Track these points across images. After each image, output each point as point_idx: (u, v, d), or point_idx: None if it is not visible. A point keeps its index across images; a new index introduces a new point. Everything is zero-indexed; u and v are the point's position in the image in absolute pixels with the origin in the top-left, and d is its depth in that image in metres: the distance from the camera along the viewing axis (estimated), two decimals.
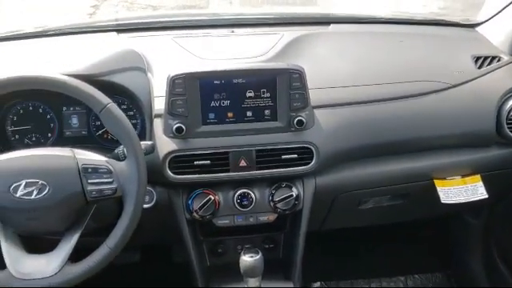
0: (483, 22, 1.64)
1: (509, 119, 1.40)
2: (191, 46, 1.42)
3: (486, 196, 1.41)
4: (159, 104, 1.25)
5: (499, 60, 1.49)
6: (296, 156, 1.26)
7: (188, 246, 1.33)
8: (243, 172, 1.26)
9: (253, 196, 1.29)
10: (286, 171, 1.27)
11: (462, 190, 1.40)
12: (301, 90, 1.24)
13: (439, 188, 1.40)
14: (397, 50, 1.50)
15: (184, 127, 1.21)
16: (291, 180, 1.31)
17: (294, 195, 1.29)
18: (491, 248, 1.75)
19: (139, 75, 1.31)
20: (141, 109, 1.31)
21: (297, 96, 1.24)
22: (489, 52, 1.50)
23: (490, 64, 1.47)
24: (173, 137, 1.22)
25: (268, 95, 1.24)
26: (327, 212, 1.42)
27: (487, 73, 1.45)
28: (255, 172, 1.26)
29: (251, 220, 1.32)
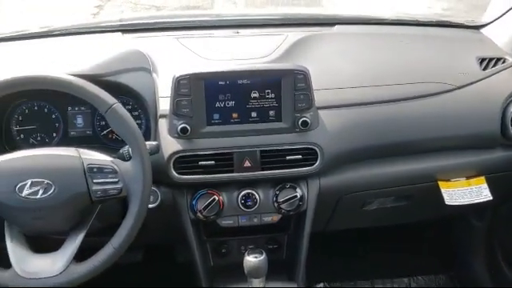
0: (488, 24, 1.63)
1: None
2: (196, 47, 1.42)
3: (491, 198, 1.40)
4: (164, 104, 1.26)
5: (504, 61, 1.49)
6: (300, 157, 1.26)
7: (192, 246, 1.33)
8: (247, 172, 1.26)
9: (257, 197, 1.29)
10: (291, 172, 1.27)
11: (467, 192, 1.40)
12: (305, 91, 1.24)
13: (443, 189, 1.39)
14: (401, 52, 1.50)
15: (189, 127, 1.21)
16: (295, 181, 1.31)
17: (299, 196, 1.29)
18: (495, 250, 1.75)
19: (144, 75, 1.32)
20: (145, 109, 1.31)
21: (301, 97, 1.24)
22: (494, 53, 1.50)
23: (495, 66, 1.47)
24: (177, 137, 1.23)
25: (273, 96, 1.25)
26: (331, 213, 1.42)
27: (492, 74, 1.45)
28: (259, 173, 1.26)
29: (255, 220, 1.32)
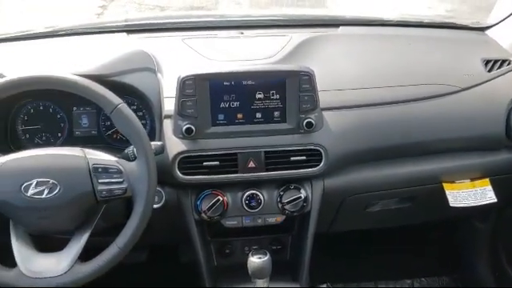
0: (493, 25, 1.63)
1: None
2: (200, 47, 1.42)
3: (495, 200, 1.40)
4: (169, 105, 1.26)
5: (509, 63, 1.48)
6: (305, 158, 1.26)
7: (196, 246, 1.33)
8: (252, 173, 1.26)
9: (261, 197, 1.30)
10: (295, 173, 1.27)
11: (471, 194, 1.40)
12: (310, 92, 1.24)
13: (448, 191, 1.39)
14: (406, 53, 1.50)
15: (193, 128, 1.21)
16: (299, 182, 1.31)
17: (303, 197, 1.29)
18: (499, 252, 1.74)
19: (149, 76, 1.32)
20: (150, 109, 1.31)
21: (306, 98, 1.24)
22: (499, 55, 1.50)
23: (500, 67, 1.47)
24: (182, 137, 1.23)
25: (277, 97, 1.25)
26: (335, 214, 1.42)
27: (497, 76, 1.45)
28: (264, 173, 1.26)
29: (259, 221, 1.33)
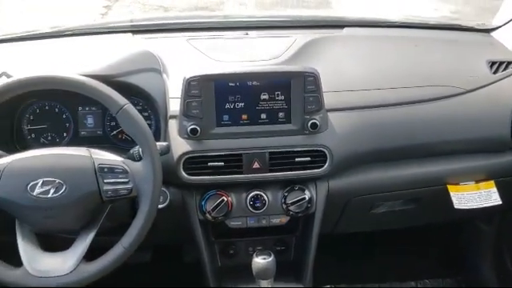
0: (498, 27, 1.63)
1: None
2: (206, 48, 1.42)
3: (500, 202, 1.40)
4: (174, 105, 1.26)
5: None
6: (309, 159, 1.26)
7: (200, 247, 1.33)
8: (256, 174, 1.26)
9: (265, 198, 1.30)
10: (299, 174, 1.27)
11: (476, 196, 1.40)
12: (315, 93, 1.24)
13: (452, 193, 1.39)
14: (411, 55, 1.50)
15: (199, 129, 1.22)
16: (304, 183, 1.31)
17: (307, 198, 1.29)
18: (503, 254, 1.74)
19: (155, 76, 1.32)
20: (156, 110, 1.32)
21: (311, 99, 1.24)
22: (504, 57, 1.49)
23: (506, 69, 1.46)
24: (187, 138, 1.23)
25: (282, 98, 1.25)
26: (339, 215, 1.42)
27: (502, 78, 1.44)
28: (268, 174, 1.26)
29: (263, 222, 1.33)
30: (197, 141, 1.24)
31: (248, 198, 1.29)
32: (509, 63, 1.48)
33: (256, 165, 1.26)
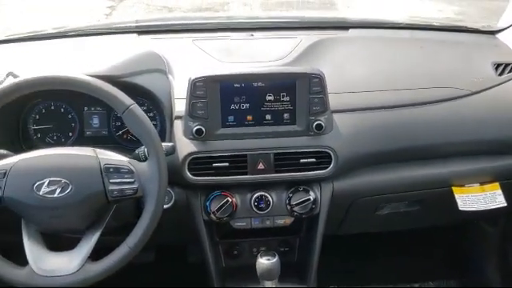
0: (504, 29, 1.62)
1: None
2: (211, 49, 1.43)
3: (505, 204, 1.40)
4: (179, 106, 1.26)
5: None
6: (314, 160, 1.27)
7: (205, 247, 1.34)
8: (261, 175, 1.26)
9: (270, 199, 1.30)
10: (304, 175, 1.28)
11: (481, 198, 1.39)
12: (320, 95, 1.24)
13: (457, 195, 1.39)
14: (416, 56, 1.49)
15: (204, 129, 1.22)
16: (308, 184, 1.31)
17: (312, 199, 1.29)
18: (508, 256, 1.73)
19: (160, 77, 1.33)
20: (161, 110, 1.32)
21: (316, 100, 1.24)
22: (509, 59, 1.49)
23: (511, 71, 1.46)
24: (192, 138, 1.23)
25: (287, 99, 1.25)
26: (344, 216, 1.42)
27: (508, 80, 1.44)
28: (273, 175, 1.27)
29: (268, 223, 1.33)
30: (202, 141, 1.24)
31: (252, 199, 1.30)
32: None
33: (261, 166, 1.26)
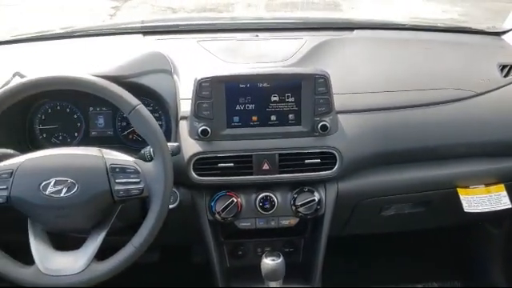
0: (509, 30, 1.62)
1: None
2: (216, 50, 1.43)
3: (510, 206, 1.39)
4: (185, 106, 1.27)
5: None
6: (319, 161, 1.27)
7: (210, 247, 1.34)
8: (266, 175, 1.26)
9: (275, 199, 1.30)
10: (309, 176, 1.28)
11: (486, 199, 1.39)
12: (325, 95, 1.24)
13: (462, 196, 1.39)
14: (422, 57, 1.49)
15: (209, 130, 1.22)
16: (313, 184, 1.31)
17: (316, 200, 1.29)
18: None
19: (165, 77, 1.33)
20: (166, 111, 1.32)
21: (321, 101, 1.24)
22: None
23: None
24: (198, 139, 1.24)
25: (292, 100, 1.25)
26: (348, 217, 1.42)
27: None
28: (278, 176, 1.27)
29: (273, 223, 1.33)
30: (207, 142, 1.24)
31: (257, 200, 1.30)
32: None
33: (266, 166, 1.26)
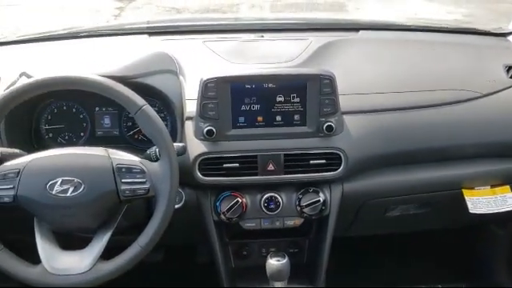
0: None
1: None
2: (221, 50, 1.44)
3: None
4: (190, 107, 1.27)
5: None
6: (324, 161, 1.27)
7: (214, 247, 1.34)
8: (271, 176, 1.26)
9: (280, 200, 1.30)
10: (314, 176, 1.28)
11: (491, 201, 1.39)
12: (331, 96, 1.24)
13: (467, 197, 1.38)
14: (427, 58, 1.49)
15: (214, 130, 1.23)
16: (318, 185, 1.31)
17: (321, 200, 1.29)
18: None
19: (171, 78, 1.33)
20: (172, 111, 1.33)
21: (327, 101, 1.25)
22: None
23: None
24: (203, 139, 1.24)
25: (298, 100, 1.25)
26: (353, 218, 1.42)
27: None
28: (283, 176, 1.27)
29: (277, 224, 1.33)
30: (212, 142, 1.24)
31: (262, 200, 1.30)
32: None
33: (271, 166, 1.26)
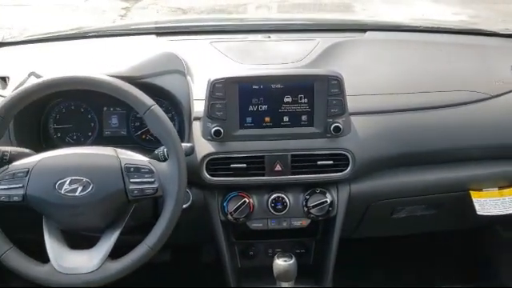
0: None
1: None
2: (229, 51, 1.44)
3: None
4: (198, 107, 1.28)
5: None
6: (331, 162, 1.27)
7: (221, 247, 1.34)
8: (278, 176, 1.27)
9: (287, 200, 1.30)
10: (321, 177, 1.28)
11: (499, 202, 1.38)
12: (339, 97, 1.24)
13: (475, 199, 1.38)
14: (434, 59, 1.49)
15: (222, 130, 1.23)
16: (325, 186, 1.31)
17: (328, 201, 1.29)
18: None
19: (179, 78, 1.34)
20: (179, 111, 1.33)
21: (334, 102, 1.25)
22: None
23: None
24: (211, 139, 1.24)
25: (305, 101, 1.25)
26: (360, 219, 1.42)
27: None
28: (290, 177, 1.27)
29: (284, 224, 1.33)
30: (220, 142, 1.25)
31: (269, 200, 1.30)
32: None
33: (278, 167, 1.26)
